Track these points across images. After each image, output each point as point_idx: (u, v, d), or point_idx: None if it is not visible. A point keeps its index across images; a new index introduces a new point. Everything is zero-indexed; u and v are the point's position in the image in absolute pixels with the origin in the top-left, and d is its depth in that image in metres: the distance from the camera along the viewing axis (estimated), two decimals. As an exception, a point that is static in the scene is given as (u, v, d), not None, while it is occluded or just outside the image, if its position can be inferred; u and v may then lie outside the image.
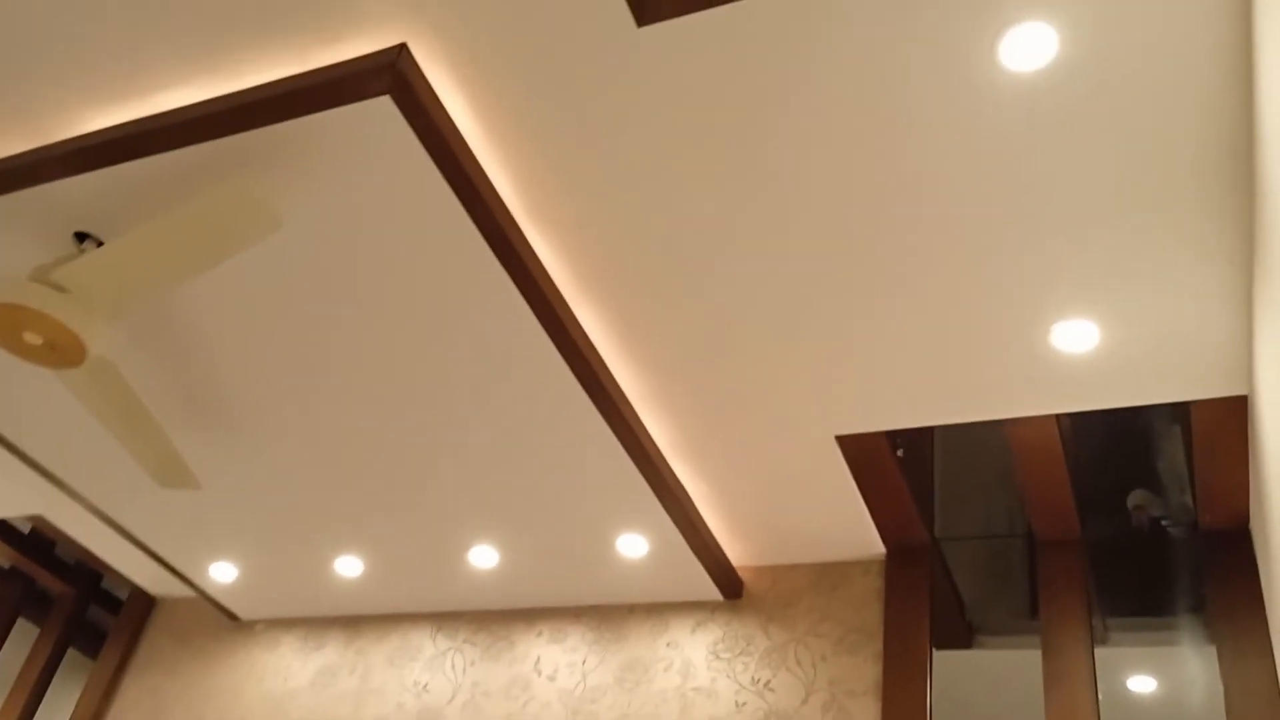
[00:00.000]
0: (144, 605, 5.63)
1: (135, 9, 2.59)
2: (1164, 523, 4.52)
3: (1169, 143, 2.55)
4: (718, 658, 4.19)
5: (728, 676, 4.13)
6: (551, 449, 3.70)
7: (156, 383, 3.66)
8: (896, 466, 3.80)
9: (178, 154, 2.79)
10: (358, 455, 3.92)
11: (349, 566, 4.64)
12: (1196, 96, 2.44)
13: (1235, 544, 3.61)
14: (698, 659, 4.22)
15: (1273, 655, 3.30)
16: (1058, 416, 3.49)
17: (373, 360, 3.46)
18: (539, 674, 4.47)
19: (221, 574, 4.88)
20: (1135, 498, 4.61)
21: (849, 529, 4.06)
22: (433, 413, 3.64)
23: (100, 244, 3.08)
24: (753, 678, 4.09)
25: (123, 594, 5.79)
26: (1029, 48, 2.41)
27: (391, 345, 3.39)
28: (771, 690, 4.04)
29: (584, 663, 4.41)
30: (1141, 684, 4.33)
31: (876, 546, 4.13)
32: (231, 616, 5.24)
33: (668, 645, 4.30)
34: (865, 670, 3.93)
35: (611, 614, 4.50)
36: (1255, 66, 2.32)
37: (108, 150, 2.84)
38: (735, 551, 4.29)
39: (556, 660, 4.47)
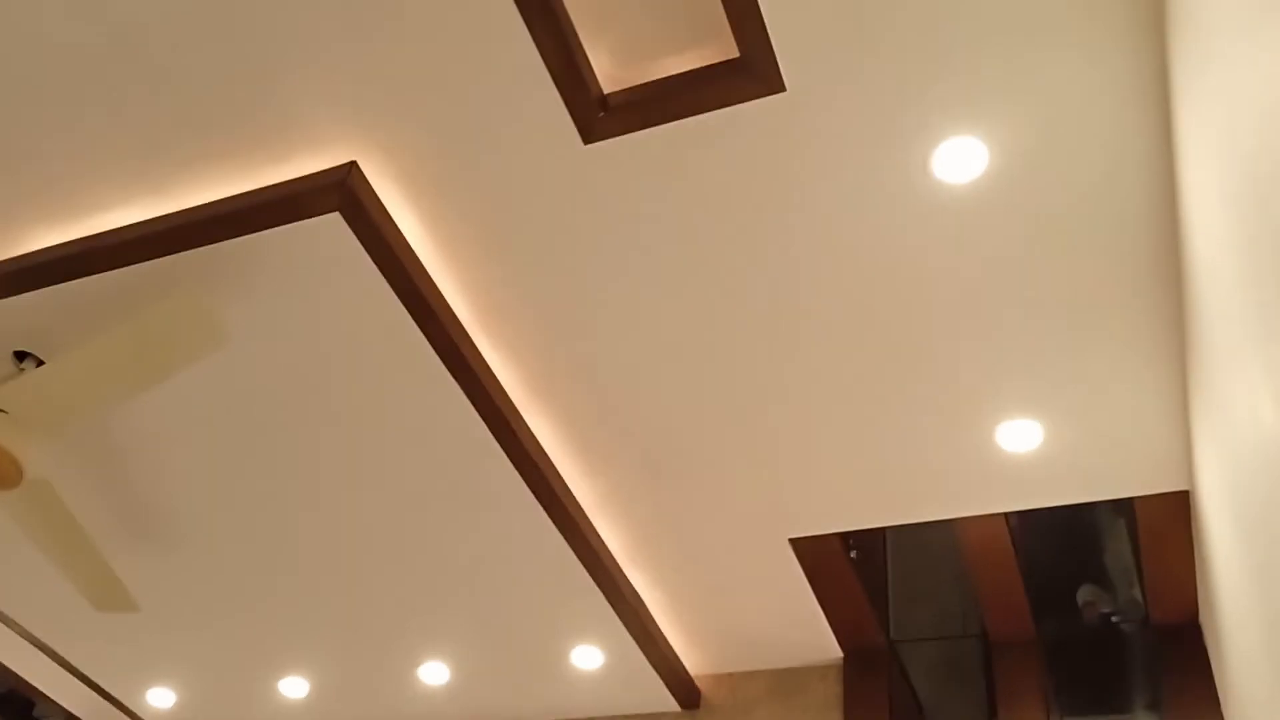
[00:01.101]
0: (77, 734, 5.37)
1: (80, 131, 2.60)
2: (1114, 618, 4.54)
3: (1099, 247, 2.65)
4: (676, 771, 4.09)
5: (687, 791, 4.02)
6: (503, 560, 3.64)
7: (93, 501, 3.56)
8: (850, 568, 3.79)
9: (122, 272, 2.77)
10: (303, 571, 3.82)
11: (294, 687, 4.48)
12: (1123, 202, 2.55)
13: (1187, 638, 3.63)
14: (656, 773, 4.11)
15: (1231, 752, 3.30)
16: (1007, 515, 3.52)
17: (320, 475, 3.41)
18: (493, 795, 4.31)
19: (159, 700, 4.68)
20: (1084, 594, 4.63)
21: (805, 633, 4.02)
22: (381, 525, 3.58)
23: (40, 363, 3.03)
24: (713, 791, 3.99)
25: (54, 723, 5.52)
26: (960, 161, 2.51)
27: (340, 459, 3.34)
28: (732, 804, 3.93)
29: (539, 781, 4.27)
30: (1103, 783, 4.30)
31: (833, 651, 4.10)
32: (169, 745, 5.01)
33: (625, 760, 4.19)
34: (827, 779, 3.85)
35: (567, 729, 4.38)
36: (1177, 174, 2.43)
37: (50, 269, 2.82)
38: (692, 660, 4.23)
39: (511, 780, 4.32)
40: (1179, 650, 3.64)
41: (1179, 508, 3.30)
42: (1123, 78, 2.33)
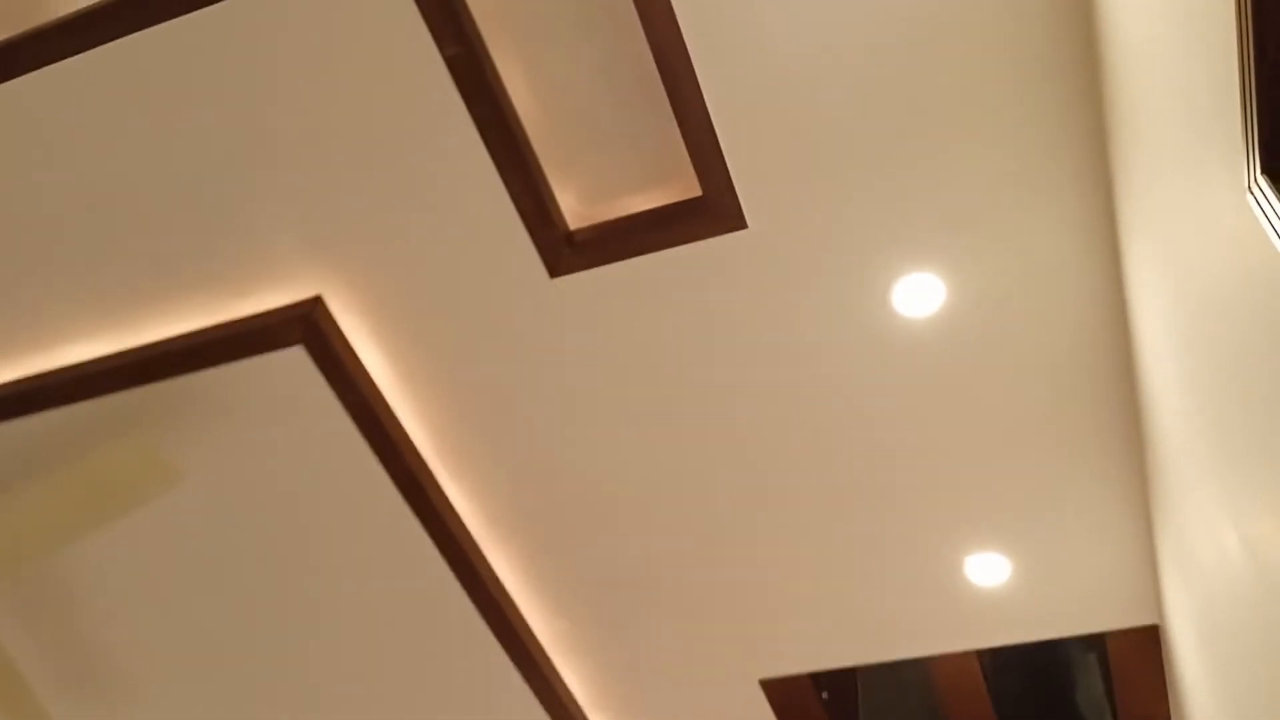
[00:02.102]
0: None
1: (42, 266, 2.60)
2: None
3: (1058, 381, 2.69)
4: None
5: None
6: (464, 704, 3.51)
7: (37, 648, 3.41)
8: (822, 710, 3.69)
9: (77, 408, 2.73)
10: (263, 714, 3.66)
11: (238, 846, 4.23)
12: (1079, 336, 2.60)
13: (1166, 778, 3.55)
14: None
15: None
16: (979, 652, 3.47)
17: (278, 613, 3.30)
18: None
19: None
20: (1054, 733, 4.53)
21: (777, 779, 3.88)
22: (342, 670, 3.45)
23: (-12, 501, 2.94)
24: None
25: None
26: (920, 296, 2.56)
27: (299, 599, 3.24)
28: None
29: None
30: None
31: (806, 797, 3.95)
32: None
33: None
34: None
35: None
36: (1129, 310, 2.49)
37: (3, 405, 2.77)
38: (660, 809, 4.05)
39: None
40: (1158, 791, 3.54)
41: (1150, 642, 3.27)
42: (1073, 216, 2.41)
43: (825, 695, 3.76)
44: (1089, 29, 2.14)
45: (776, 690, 3.56)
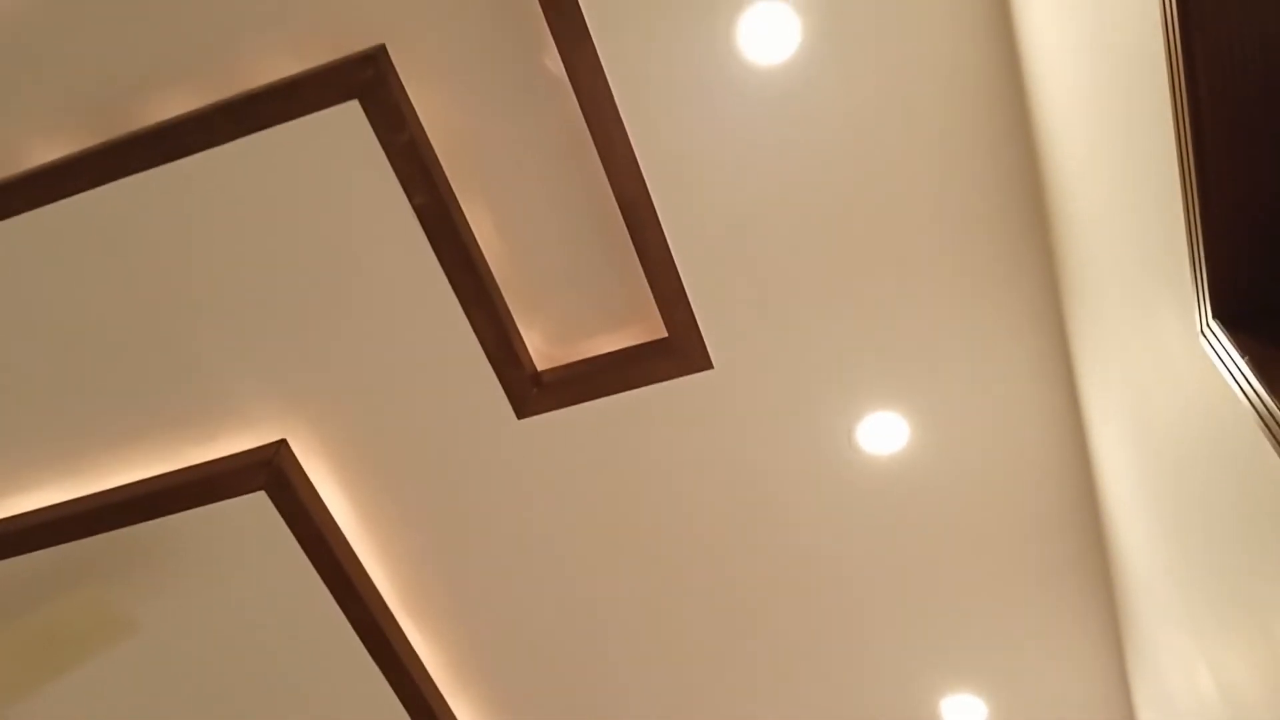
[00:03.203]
0: None
1: None
2: None
3: (1023, 517, 2.70)
4: None
5: None
6: None
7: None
8: None
9: (35, 557, 2.65)
10: None
11: None
12: (1042, 470, 2.63)
13: None
14: None
15: None
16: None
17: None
18: None
19: None
20: None
21: None
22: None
23: (-70, 655, 2.82)
24: None
25: None
26: (883, 434, 2.59)
27: (250, 753, 3.11)
28: None
29: None
30: None
31: None
32: None
33: None
34: None
35: None
36: (1089, 441, 2.53)
37: (-49, 555, 2.69)
38: None
39: None
40: None
41: (1129, 782, 3.21)
42: (1032, 354, 2.47)
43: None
44: (1037, 178, 2.23)
45: (751, 840, 3.43)
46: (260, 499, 2.54)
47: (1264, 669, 1.43)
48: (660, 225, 2.34)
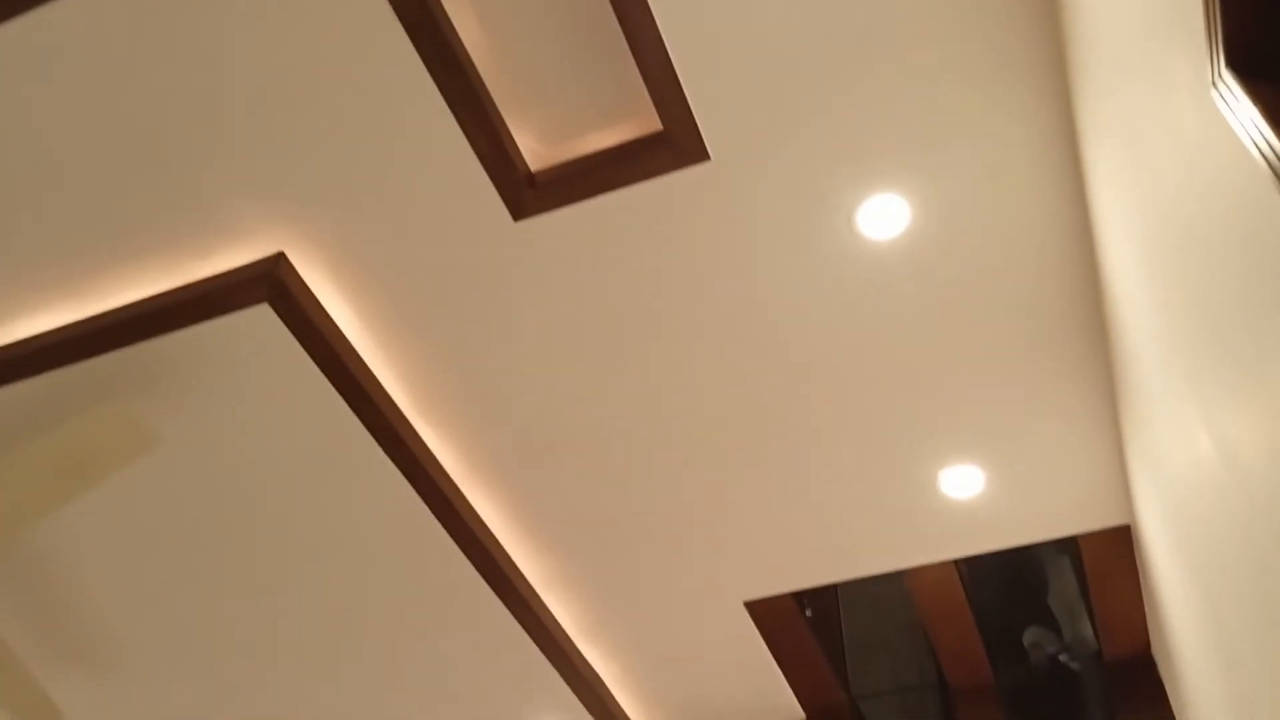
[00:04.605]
0: None
1: (-3, 237, 2.54)
2: (1062, 658, 4.57)
3: (1024, 293, 2.72)
4: None
5: None
6: (454, 642, 3.55)
7: (19, 619, 3.41)
8: (807, 627, 3.77)
9: (45, 378, 2.69)
10: (250, 675, 3.68)
11: (241, 799, 4.29)
12: (1044, 249, 2.62)
13: (1141, 672, 3.66)
14: None
15: (1194, 781, 3.31)
16: (956, 562, 3.54)
17: (261, 572, 3.30)
18: None
19: (97, 824, 4.44)
20: (1030, 636, 4.65)
21: (766, 696, 3.97)
22: (327, 619, 3.47)
23: (-42, 478, 2.90)
24: None
25: None
26: (884, 217, 2.57)
27: (281, 554, 3.24)
28: None
29: None
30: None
31: (795, 711, 4.05)
32: None
33: (591, 844, 4.07)
34: (798, 847, 3.79)
35: (530, 817, 4.25)
36: (1093, 218, 2.51)
37: (-33, 380, 2.72)
38: (653, 733, 4.15)
39: None
40: (1134, 684, 3.66)
41: (1122, 542, 3.36)
42: (1034, 129, 2.41)
43: (808, 613, 3.84)
44: (1043, -63, 2.12)
45: (761, 611, 3.63)
46: (264, 311, 2.55)
47: (1266, 429, 1.45)
48: (651, 13, 2.24)
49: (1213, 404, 1.74)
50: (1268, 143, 1.12)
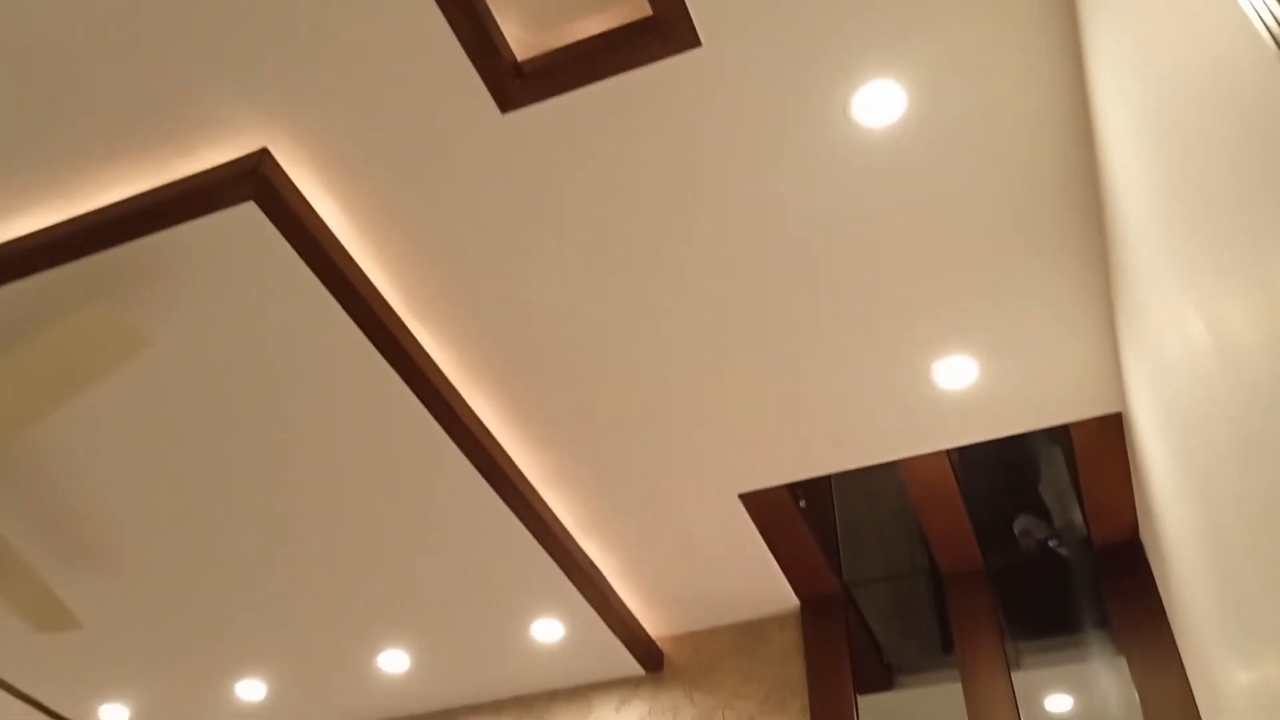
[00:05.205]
0: (29, 759, 5.22)
1: (-27, 136, 2.48)
2: (1051, 544, 4.66)
3: (1019, 182, 2.68)
4: (645, 733, 4.11)
5: (658, 751, 4.06)
6: (455, 541, 3.61)
7: (21, 520, 3.45)
8: (801, 518, 3.83)
9: (30, 281, 2.66)
10: (250, 572, 3.75)
11: (251, 690, 4.41)
12: (1040, 137, 2.57)
13: (1129, 556, 3.74)
14: (625, 737, 4.13)
15: (1180, 660, 3.41)
16: (948, 451, 3.57)
17: (259, 472, 3.33)
18: (464, 776, 4.30)
19: (113, 716, 4.58)
20: (1021, 523, 4.73)
21: (762, 586, 4.06)
22: (326, 518, 3.52)
23: (-48, 382, 2.90)
24: (683, 749, 4.02)
25: (4, 750, 5.38)
26: (879, 104, 2.51)
27: (276, 456, 3.27)
28: (703, 760, 3.97)
29: (509, 757, 4.27)
30: (1059, 703, 4.42)
31: (790, 600, 4.14)
32: (127, 759, 4.91)
33: (594, 727, 4.21)
34: (794, 726, 3.91)
35: (534, 703, 4.38)
36: (1091, 105, 2.46)
37: (-48, 284, 2.69)
38: (652, 622, 4.24)
39: (481, 759, 4.31)
40: (1122, 567, 3.74)
41: (1113, 430, 3.38)
42: (1035, 6, 2.34)
43: (802, 504, 3.89)
44: None
45: (755, 502, 3.68)
46: (250, 209, 2.51)
47: (1261, 315, 1.44)
48: (637, -114, 2.16)
49: (1207, 290, 1.73)
50: (1275, 18, 1.08)
